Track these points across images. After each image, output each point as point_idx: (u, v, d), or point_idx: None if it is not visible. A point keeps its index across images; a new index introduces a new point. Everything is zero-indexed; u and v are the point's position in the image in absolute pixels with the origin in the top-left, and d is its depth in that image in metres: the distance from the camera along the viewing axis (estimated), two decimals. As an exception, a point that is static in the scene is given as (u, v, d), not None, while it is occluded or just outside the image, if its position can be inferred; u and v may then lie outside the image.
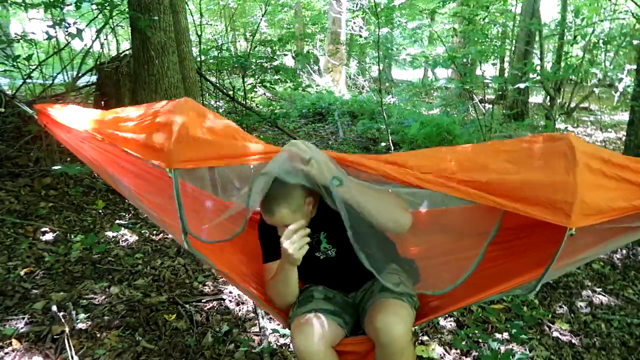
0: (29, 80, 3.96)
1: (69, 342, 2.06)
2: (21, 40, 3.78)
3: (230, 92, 6.04)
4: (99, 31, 4.48)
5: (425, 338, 2.38)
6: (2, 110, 3.46)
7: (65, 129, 1.77)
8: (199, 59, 5.85)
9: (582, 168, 1.21)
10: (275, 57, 6.27)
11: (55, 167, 3.29)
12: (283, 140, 5.92)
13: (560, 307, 2.84)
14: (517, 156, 1.34)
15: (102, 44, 5.30)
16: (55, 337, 2.11)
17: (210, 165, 1.41)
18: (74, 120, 1.73)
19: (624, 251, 3.66)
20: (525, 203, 1.24)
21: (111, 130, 1.58)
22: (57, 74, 4.12)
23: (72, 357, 1.99)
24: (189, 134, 1.36)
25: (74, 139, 1.78)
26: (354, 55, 13.63)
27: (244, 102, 6.22)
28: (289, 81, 6.33)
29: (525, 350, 2.36)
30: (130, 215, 3.52)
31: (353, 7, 11.86)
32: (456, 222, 1.89)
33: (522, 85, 5.40)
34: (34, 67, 3.88)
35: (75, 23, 3.63)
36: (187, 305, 2.50)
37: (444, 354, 2.28)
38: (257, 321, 2.43)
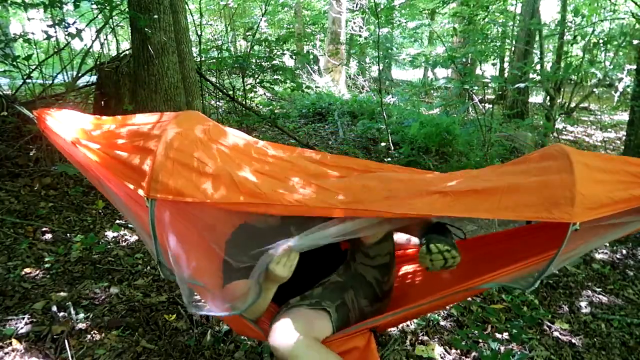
0: (28, 80, 3.96)
1: (69, 342, 2.06)
2: (21, 40, 3.78)
3: (230, 92, 6.04)
4: (99, 31, 4.49)
5: (425, 338, 2.38)
6: (5, 113, 3.48)
7: (60, 138, 1.77)
8: (199, 59, 5.85)
9: (578, 165, 1.21)
10: (274, 56, 6.26)
11: (55, 167, 3.29)
12: (283, 140, 5.91)
13: (560, 307, 2.84)
14: (512, 170, 1.37)
15: (102, 44, 5.30)
16: (55, 337, 2.11)
17: (190, 200, 1.34)
18: (67, 131, 1.72)
19: (624, 251, 3.66)
20: (524, 209, 1.23)
21: (102, 146, 1.56)
22: (57, 74, 4.12)
23: (72, 357, 1.99)
24: (173, 166, 1.32)
25: (69, 147, 1.77)
26: (354, 55, 13.63)
27: (244, 102, 6.22)
28: (288, 81, 6.31)
29: (525, 350, 2.36)
30: (130, 215, 3.52)
31: (353, 7, 11.87)
32: None
33: (521, 85, 5.40)
34: (34, 67, 3.88)
35: (75, 23, 3.64)
36: (187, 305, 2.50)
37: (444, 354, 2.28)
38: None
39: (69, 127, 1.74)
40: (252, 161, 1.53)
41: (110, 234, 3.21)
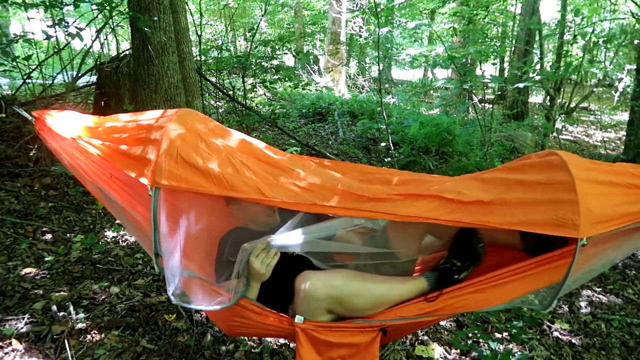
0: (28, 80, 3.96)
1: (68, 342, 2.06)
2: (21, 40, 3.78)
3: (230, 92, 6.03)
4: (99, 31, 4.49)
5: (425, 338, 2.38)
6: (3, 115, 3.48)
7: (59, 137, 1.77)
8: (199, 59, 5.84)
9: (580, 180, 1.22)
10: (275, 56, 6.26)
11: (55, 167, 3.29)
12: (283, 140, 5.91)
13: (560, 307, 2.84)
14: (515, 181, 1.34)
15: (102, 44, 5.30)
16: (55, 337, 2.11)
17: (194, 190, 1.37)
18: (68, 129, 1.73)
19: (624, 251, 3.66)
20: (531, 224, 1.24)
21: (104, 141, 1.58)
22: (57, 74, 4.12)
23: (72, 357, 1.99)
24: (178, 155, 1.35)
25: (66, 148, 1.77)
26: (354, 55, 13.63)
27: (244, 102, 6.22)
28: (288, 80, 6.32)
29: (525, 350, 2.36)
30: (130, 215, 3.52)
31: (353, 7, 11.87)
32: None
33: (521, 85, 5.39)
34: (34, 67, 3.88)
35: (75, 23, 3.64)
36: (187, 305, 2.50)
37: (444, 354, 2.28)
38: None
39: (70, 125, 1.75)
40: (251, 157, 1.55)
41: (110, 234, 3.21)
